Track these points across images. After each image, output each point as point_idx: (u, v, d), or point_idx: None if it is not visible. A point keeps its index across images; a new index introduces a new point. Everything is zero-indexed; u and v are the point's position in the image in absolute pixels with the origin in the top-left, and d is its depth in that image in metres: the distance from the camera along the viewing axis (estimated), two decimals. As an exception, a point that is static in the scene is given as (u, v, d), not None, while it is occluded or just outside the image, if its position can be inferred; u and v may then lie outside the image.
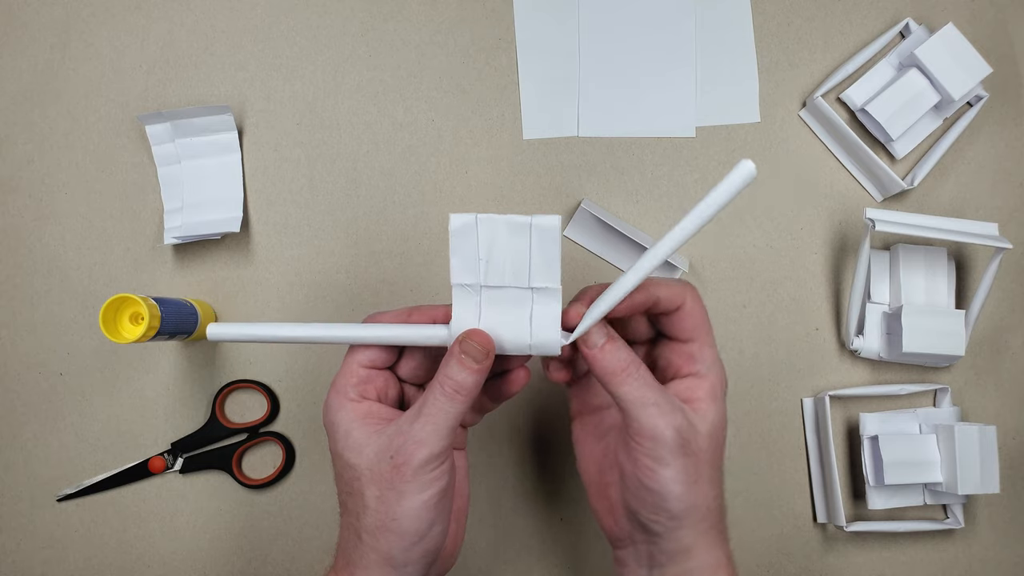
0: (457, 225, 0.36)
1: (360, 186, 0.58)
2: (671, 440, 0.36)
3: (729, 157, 0.58)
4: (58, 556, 0.56)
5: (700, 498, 0.37)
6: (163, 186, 0.57)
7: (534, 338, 0.37)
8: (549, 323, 0.37)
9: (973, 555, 0.56)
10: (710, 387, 0.39)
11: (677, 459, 0.36)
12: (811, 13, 0.59)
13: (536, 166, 0.58)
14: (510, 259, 0.37)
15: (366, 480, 0.37)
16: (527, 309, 0.37)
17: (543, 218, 0.36)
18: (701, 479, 0.37)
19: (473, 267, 0.37)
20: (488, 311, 0.37)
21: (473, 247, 0.37)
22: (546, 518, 0.56)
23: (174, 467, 0.56)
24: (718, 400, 0.39)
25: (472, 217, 0.36)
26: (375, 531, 0.37)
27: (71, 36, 0.59)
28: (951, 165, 0.58)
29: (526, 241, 0.36)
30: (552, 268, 0.37)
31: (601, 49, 0.59)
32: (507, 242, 0.36)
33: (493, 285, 0.37)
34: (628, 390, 0.37)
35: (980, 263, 0.57)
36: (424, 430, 0.37)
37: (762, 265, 0.57)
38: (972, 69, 0.55)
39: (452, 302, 0.38)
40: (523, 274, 0.37)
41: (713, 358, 0.40)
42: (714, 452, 0.38)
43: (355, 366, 0.40)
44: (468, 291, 0.37)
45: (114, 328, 0.48)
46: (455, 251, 0.37)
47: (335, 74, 0.59)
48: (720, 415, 0.39)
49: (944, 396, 0.56)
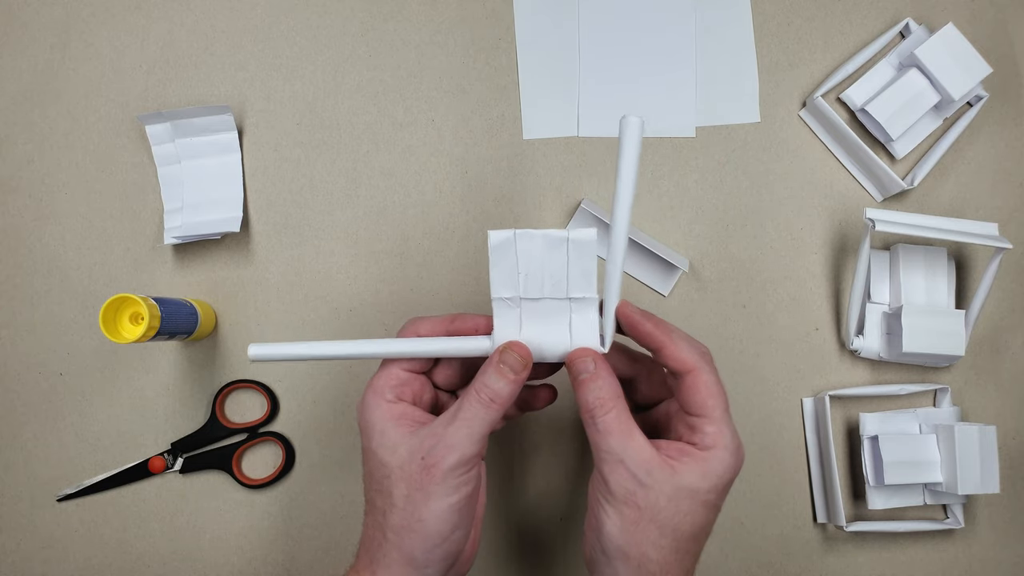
0: (496, 241, 0.37)
1: (360, 186, 0.58)
2: (617, 491, 0.37)
3: (729, 157, 0.58)
4: (58, 556, 0.56)
5: (633, 550, 0.37)
6: (163, 186, 0.57)
7: (574, 346, 0.39)
8: (588, 332, 0.39)
9: (973, 555, 0.56)
10: (701, 460, 0.37)
11: (619, 505, 0.37)
12: (811, 13, 0.59)
13: (536, 166, 0.58)
14: (548, 272, 0.38)
15: (396, 478, 0.38)
16: (566, 319, 0.39)
17: (580, 232, 0.37)
18: (639, 533, 0.36)
19: (512, 281, 0.38)
20: (528, 323, 0.39)
21: (512, 262, 0.38)
22: (546, 518, 0.56)
23: (174, 467, 0.56)
24: (706, 476, 0.37)
25: (510, 233, 0.37)
26: (400, 530, 0.38)
27: (71, 36, 0.59)
28: (951, 165, 0.58)
29: (563, 254, 0.38)
30: (589, 279, 0.38)
31: (601, 49, 0.59)
32: (545, 255, 0.38)
33: (532, 297, 0.38)
34: (591, 431, 0.38)
35: (980, 263, 0.57)
36: (457, 434, 0.38)
37: (762, 265, 0.57)
38: (972, 69, 0.55)
39: (493, 315, 0.39)
40: (561, 286, 0.38)
41: (716, 436, 0.38)
42: (669, 515, 0.36)
43: (394, 369, 0.41)
44: (508, 304, 0.39)
45: (114, 328, 0.48)
46: (495, 266, 0.38)
47: (335, 74, 0.59)
48: (698, 484, 0.37)
49: (944, 396, 0.56)
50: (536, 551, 0.56)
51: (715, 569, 0.55)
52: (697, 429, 0.38)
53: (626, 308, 0.39)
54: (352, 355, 0.40)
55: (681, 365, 0.38)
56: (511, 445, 0.56)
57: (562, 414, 0.56)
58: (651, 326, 0.39)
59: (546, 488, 0.56)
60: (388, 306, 0.57)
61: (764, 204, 0.58)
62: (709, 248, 0.57)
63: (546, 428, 0.56)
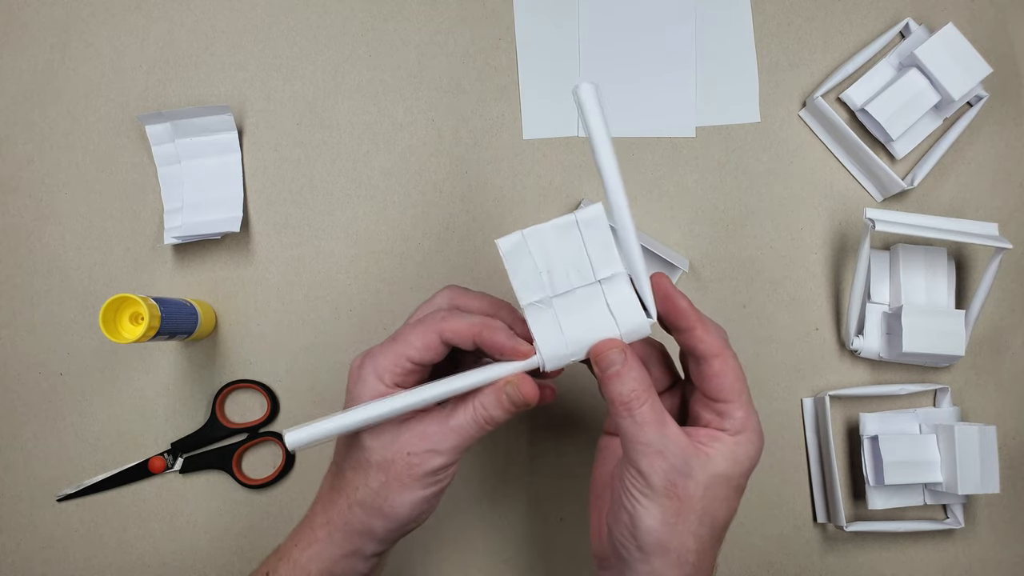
0: (507, 247, 0.36)
1: (360, 186, 0.58)
2: (657, 484, 0.36)
3: (729, 157, 0.58)
4: (58, 556, 0.56)
5: (674, 542, 0.36)
6: (163, 186, 0.57)
7: (622, 327, 0.37)
8: (630, 308, 0.37)
9: (973, 555, 0.56)
10: (732, 445, 0.37)
11: (660, 498, 0.36)
12: (811, 13, 0.59)
13: (536, 166, 0.58)
14: (569, 261, 0.37)
15: (375, 464, 0.38)
16: (602, 302, 0.37)
17: (586, 211, 0.36)
18: (681, 524, 0.36)
19: (536, 282, 0.37)
20: (567, 320, 0.37)
21: (530, 263, 0.36)
22: (546, 518, 0.56)
23: (174, 467, 0.56)
24: (738, 461, 0.37)
25: (519, 235, 0.36)
26: (368, 508, 0.38)
27: (71, 36, 0.59)
28: (951, 165, 0.58)
29: (577, 238, 0.37)
30: (610, 254, 0.37)
31: (601, 49, 0.59)
32: (560, 246, 0.37)
33: (562, 292, 0.37)
34: (627, 424, 0.36)
35: (980, 263, 0.57)
36: (445, 443, 0.38)
37: (762, 265, 0.57)
38: (972, 69, 0.55)
39: (528, 324, 0.37)
40: (586, 270, 0.37)
41: (745, 421, 0.38)
42: (707, 503, 0.36)
43: (403, 359, 0.39)
44: (540, 307, 0.37)
45: (114, 328, 0.48)
46: (513, 273, 0.36)
47: (335, 74, 0.59)
48: (731, 470, 0.37)
49: (944, 396, 0.56)
50: (536, 551, 0.56)
51: (715, 569, 0.55)
52: (725, 415, 0.38)
53: (663, 280, 0.38)
54: (397, 410, 0.37)
55: (708, 348, 0.38)
56: (511, 445, 0.56)
57: (562, 415, 0.56)
58: (685, 303, 0.38)
59: (546, 488, 0.56)
60: (388, 306, 0.57)
61: (764, 204, 0.58)
62: (709, 248, 0.57)
63: (546, 429, 0.56)
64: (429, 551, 0.55)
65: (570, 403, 0.56)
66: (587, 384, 0.56)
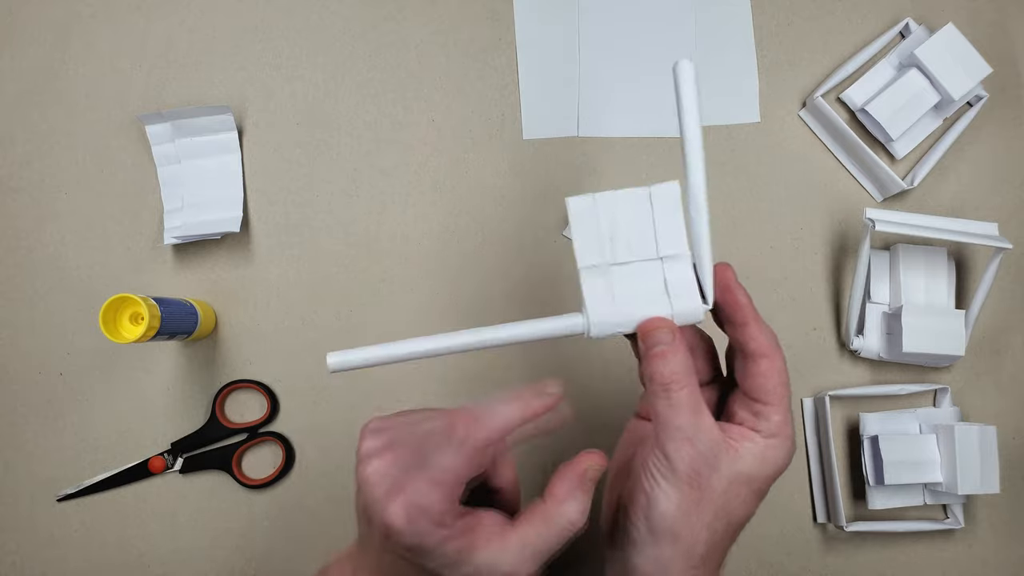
0: (577, 208, 0.36)
1: (360, 186, 0.58)
2: (681, 470, 0.36)
3: (729, 157, 0.58)
4: (58, 556, 0.56)
5: (686, 531, 0.36)
6: (163, 186, 0.57)
7: (674, 307, 0.37)
8: (686, 290, 0.37)
9: (973, 555, 0.56)
10: (763, 447, 0.37)
11: (681, 485, 0.36)
12: (811, 13, 0.59)
13: (536, 166, 0.58)
14: (636, 231, 0.36)
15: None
16: (660, 279, 0.37)
17: (662, 186, 0.36)
18: (696, 515, 0.36)
19: (598, 247, 0.36)
20: (621, 290, 0.37)
21: (595, 227, 0.36)
22: (546, 518, 0.56)
23: (174, 467, 0.56)
24: (765, 464, 0.37)
25: (590, 197, 0.36)
26: None
27: (71, 36, 0.59)
28: (951, 165, 0.58)
29: (648, 211, 0.36)
30: (678, 234, 0.36)
31: (601, 49, 0.59)
32: (629, 216, 0.36)
33: (621, 262, 0.37)
34: (663, 406, 0.36)
35: (980, 263, 0.57)
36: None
37: (762, 265, 0.57)
38: (972, 69, 0.55)
39: (582, 288, 0.37)
40: (650, 245, 0.36)
41: (781, 425, 0.37)
42: (727, 500, 0.36)
43: (451, 483, 0.35)
44: (596, 272, 0.36)
45: (114, 328, 0.48)
46: (577, 234, 0.36)
47: (335, 74, 0.59)
48: (757, 472, 0.37)
49: (944, 396, 0.56)
50: (536, 551, 0.56)
51: (715, 569, 0.55)
52: (763, 416, 0.37)
53: (727, 270, 0.38)
54: (442, 349, 0.36)
55: (758, 347, 0.37)
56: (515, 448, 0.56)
57: (562, 414, 0.56)
58: (744, 297, 0.38)
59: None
60: (389, 306, 0.57)
61: (764, 204, 0.58)
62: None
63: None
64: (429, 551, 0.55)
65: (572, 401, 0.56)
66: (587, 384, 0.56)
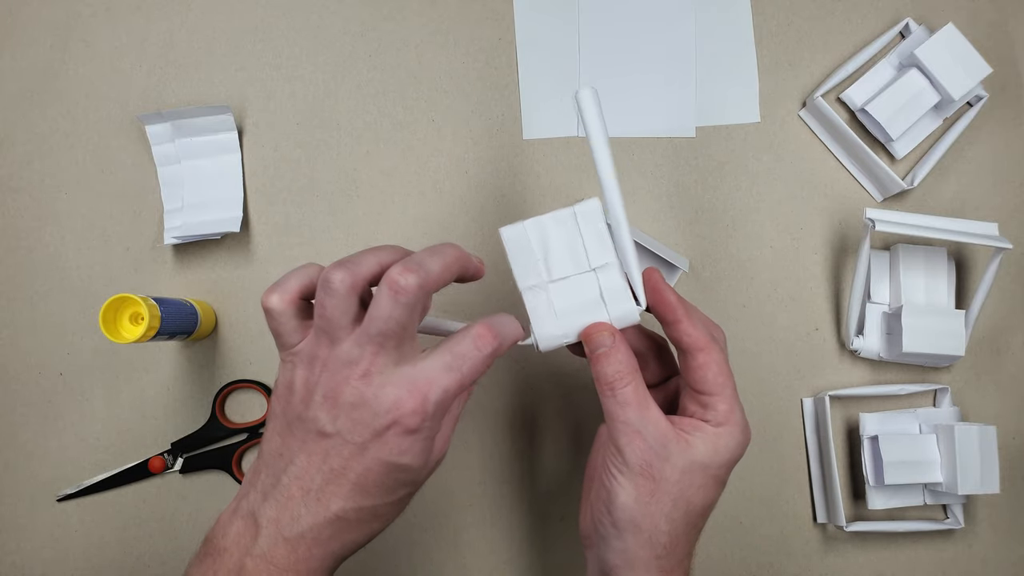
0: (510, 236, 0.39)
1: (360, 186, 0.58)
2: (633, 462, 0.38)
3: (729, 157, 0.58)
4: (58, 556, 0.56)
5: (646, 521, 0.37)
6: (163, 186, 0.57)
7: (611, 313, 0.40)
8: (620, 296, 0.40)
9: (973, 555, 0.56)
10: (713, 436, 0.38)
11: (635, 476, 0.38)
12: (811, 13, 0.59)
13: (536, 166, 0.58)
14: (566, 249, 0.39)
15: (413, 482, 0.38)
16: (595, 289, 0.40)
17: (583, 204, 0.39)
18: (654, 504, 0.37)
19: (534, 268, 0.40)
20: (561, 304, 0.40)
21: (529, 250, 0.39)
22: (546, 518, 0.56)
23: (174, 467, 0.56)
24: (718, 451, 0.38)
25: (520, 225, 0.39)
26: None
27: (71, 36, 0.59)
28: (951, 165, 0.58)
29: (574, 228, 0.39)
30: (604, 245, 0.39)
31: (601, 49, 0.59)
32: (558, 235, 0.39)
33: (557, 278, 0.40)
34: (611, 403, 0.38)
35: (980, 263, 0.57)
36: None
37: (762, 265, 0.57)
38: (972, 69, 0.55)
39: (526, 307, 0.40)
40: (581, 259, 0.40)
41: (727, 414, 0.39)
42: (683, 488, 0.38)
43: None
44: (536, 291, 0.40)
45: (114, 328, 0.48)
46: (514, 260, 0.39)
47: (335, 74, 0.59)
48: (711, 459, 0.38)
49: (944, 396, 0.56)
50: (536, 551, 0.56)
51: (715, 569, 0.55)
52: (709, 407, 0.39)
53: (654, 274, 0.40)
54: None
55: (692, 342, 0.39)
56: (511, 445, 0.56)
57: (563, 415, 0.56)
58: (673, 297, 0.40)
59: (546, 488, 0.56)
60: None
61: (764, 204, 0.58)
62: (709, 248, 0.57)
63: (546, 429, 0.56)
64: (429, 551, 0.55)
65: (570, 404, 0.56)
66: (587, 384, 0.56)
